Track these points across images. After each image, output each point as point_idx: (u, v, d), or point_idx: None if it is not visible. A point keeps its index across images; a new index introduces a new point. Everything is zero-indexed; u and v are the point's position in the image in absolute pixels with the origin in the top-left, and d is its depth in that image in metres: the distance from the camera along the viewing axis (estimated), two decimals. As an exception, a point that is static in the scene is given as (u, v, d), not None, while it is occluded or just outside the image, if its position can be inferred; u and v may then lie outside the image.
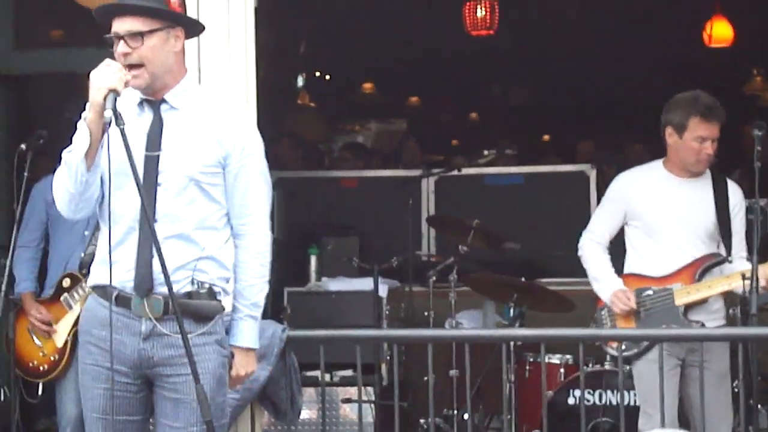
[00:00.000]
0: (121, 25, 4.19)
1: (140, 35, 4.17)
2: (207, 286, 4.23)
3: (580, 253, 6.00)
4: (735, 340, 5.68)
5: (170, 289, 4.00)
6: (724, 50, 11.34)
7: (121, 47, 4.17)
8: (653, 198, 5.81)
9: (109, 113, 3.94)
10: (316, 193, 9.05)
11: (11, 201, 6.05)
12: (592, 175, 8.81)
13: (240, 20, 5.52)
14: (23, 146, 6.07)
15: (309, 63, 13.55)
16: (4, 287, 5.64)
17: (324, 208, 8.99)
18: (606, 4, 11.16)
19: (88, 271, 4.42)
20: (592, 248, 5.94)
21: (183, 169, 4.20)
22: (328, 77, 14.20)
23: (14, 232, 5.92)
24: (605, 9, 11.31)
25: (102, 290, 4.24)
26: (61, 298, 6.16)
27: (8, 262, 5.89)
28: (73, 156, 4.12)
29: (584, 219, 8.34)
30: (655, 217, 5.79)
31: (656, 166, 5.89)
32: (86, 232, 6.02)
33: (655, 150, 6.07)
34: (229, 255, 4.33)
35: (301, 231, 8.53)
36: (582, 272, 6.01)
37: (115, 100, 3.97)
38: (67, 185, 4.17)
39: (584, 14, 11.76)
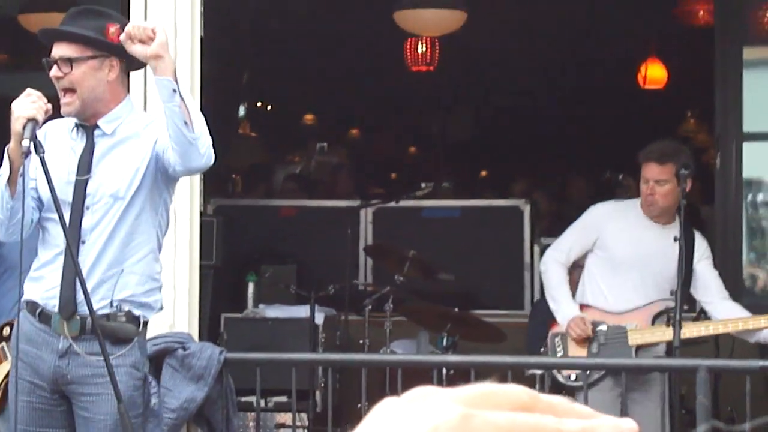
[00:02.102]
0: (57, 50, 4.35)
1: (71, 61, 4.30)
2: (126, 308, 4.34)
3: (542, 267, 6.15)
4: (657, 371, 5.84)
5: (91, 311, 4.13)
6: (659, 92, 11.59)
7: (53, 71, 4.32)
8: (624, 234, 5.99)
9: (26, 142, 4.07)
10: (255, 221, 9.15)
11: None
12: (527, 210, 8.99)
13: (186, 50, 5.64)
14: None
15: (251, 93, 13.66)
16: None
17: (263, 236, 9.10)
18: (545, 44, 11.38)
19: None
20: (555, 267, 6.06)
21: (108, 191, 4.32)
22: (269, 107, 14.32)
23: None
24: (544, 49, 11.53)
25: (29, 305, 4.37)
26: (2, 346, 6.15)
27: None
28: None
29: (518, 253, 8.56)
30: (621, 253, 5.96)
31: (633, 204, 6.10)
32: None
33: (596, 187, 6.27)
34: (151, 266, 4.43)
35: (240, 258, 8.63)
36: (514, 304, 6.18)
37: (34, 128, 4.10)
38: None
39: (524, 53, 11.97)
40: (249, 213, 9.28)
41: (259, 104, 14.21)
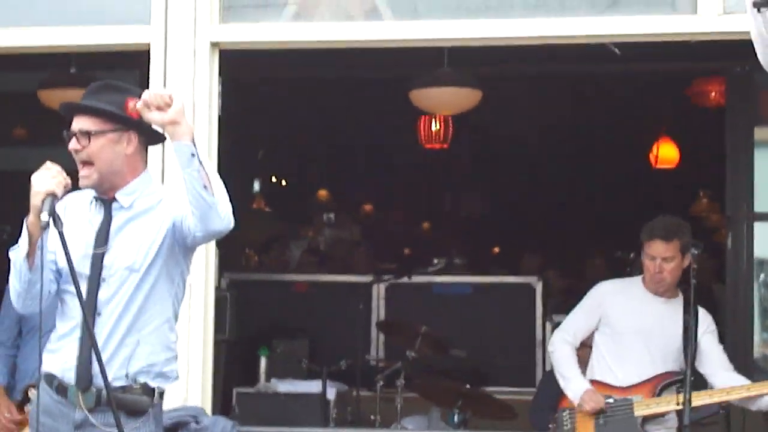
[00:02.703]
0: (77, 123, 4.41)
1: (89, 134, 4.38)
2: (142, 380, 4.38)
3: (550, 348, 6.23)
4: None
5: (106, 384, 4.17)
6: (671, 171, 11.66)
7: (72, 144, 4.39)
8: (628, 310, 6.07)
9: (45, 216, 4.10)
10: (268, 295, 9.20)
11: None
12: (538, 287, 9.04)
13: (204, 127, 5.73)
14: (-14, 241, 6.23)
15: (266, 168, 13.77)
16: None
17: (276, 311, 9.15)
18: (557, 122, 11.48)
19: None
20: (563, 347, 6.15)
21: (124, 264, 4.37)
22: (284, 183, 14.42)
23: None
24: (556, 127, 11.62)
25: (47, 377, 4.42)
26: (26, 408, 6.23)
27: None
28: (16, 255, 4.31)
29: (529, 329, 8.58)
30: (626, 329, 6.03)
31: (636, 281, 6.17)
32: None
33: (613, 265, 6.34)
34: (167, 336, 4.46)
35: (252, 332, 8.68)
36: (526, 381, 6.23)
37: (53, 202, 4.12)
38: (13, 282, 4.36)
39: (536, 132, 12.08)
40: (262, 287, 9.34)
41: (273, 179, 14.32)
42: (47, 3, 6.24)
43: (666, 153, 11.49)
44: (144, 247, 4.39)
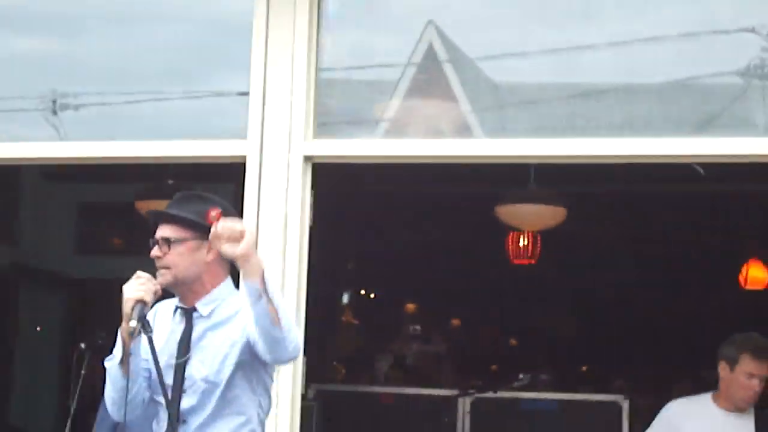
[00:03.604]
0: (159, 231, 4.53)
1: (169, 242, 4.52)
2: None
3: None
4: None
5: None
6: (760, 292, 11.59)
7: (153, 251, 4.53)
8: (698, 428, 6.05)
9: (133, 323, 4.21)
10: (354, 407, 9.25)
11: (65, 396, 6.33)
12: (625, 406, 8.98)
13: (295, 240, 5.85)
14: (82, 345, 6.36)
15: (355, 281, 13.89)
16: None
17: (362, 423, 9.18)
18: (645, 240, 11.50)
19: None
20: None
21: (200, 375, 4.45)
22: (372, 296, 14.52)
23: (67, 427, 6.16)
24: (644, 245, 11.63)
25: None
26: None
27: (60, 454, 6.12)
28: (111, 364, 4.43)
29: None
30: None
31: (705, 397, 6.14)
32: None
33: (700, 387, 6.34)
34: None
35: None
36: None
37: (142, 310, 4.24)
38: (109, 391, 4.46)
39: (626, 251, 12.09)
40: (348, 399, 9.40)
41: (362, 292, 14.43)
42: (148, 118, 6.46)
43: (755, 274, 11.44)
44: (220, 359, 4.45)
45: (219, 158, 6.10)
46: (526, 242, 10.21)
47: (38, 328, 10.87)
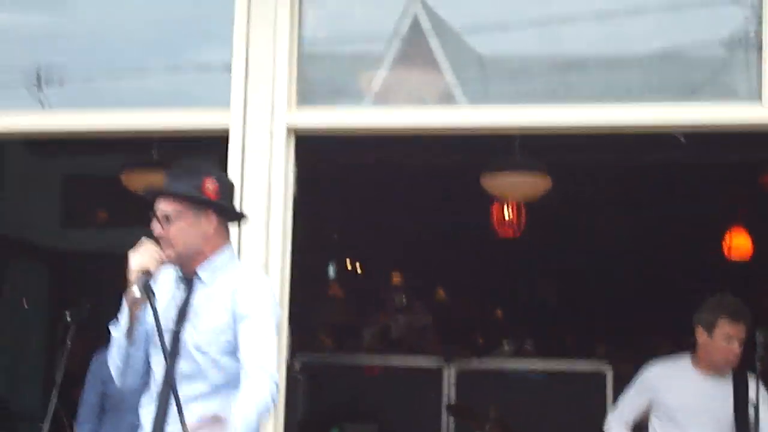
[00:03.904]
0: (158, 205, 4.58)
1: (169, 217, 4.54)
2: None
3: (606, 428, 6.27)
4: None
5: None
6: (745, 263, 11.62)
7: (155, 229, 4.56)
8: (677, 390, 6.10)
9: (136, 292, 4.29)
10: (339, 378, 9.30)
11: (51, 367, 6.36)
12: (609, 373, 9.05)
13: (279, 210, 5.86)
14: (68, 316, 6.37)
15: (340, 253, 13.91)
16: (40, 449, 5.89)
17: (346, 394, 9.23)
18: (628, 211, 11.53)
19: None
20: (617, 428, 6.20)
21: (194, 343, 4.49)
22: (358, 267, 14.54)
23: (52, 397, 6.18)
24: (628, 216, 11.67)
25: None
26: None
27: (46, 426, 6.14)
28: (116, 331, 4.47)
29: (599, 416, 8.56)
30: (679, 408, 6.07)
31: (684, 360, 6.19)
32: (137, 423, 6.29)
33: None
34: None
35: (323, 413, 8.76)
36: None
37: (147, 280, 4.31)
38: (114, 359, 4.52)
39: (610, 221, 12.12)
40: (334, 370, 9.44)
41: (348, 264, 14.45)
42: (132, 91, 6.46)
43: (739, 243, 11.46)
44: (210, 330, 4.51)
45: (202, 129, 6.10)
46: (510, 213, 10.24)
47: (26, 305, 10.88)
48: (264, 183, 5.82)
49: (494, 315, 14.83)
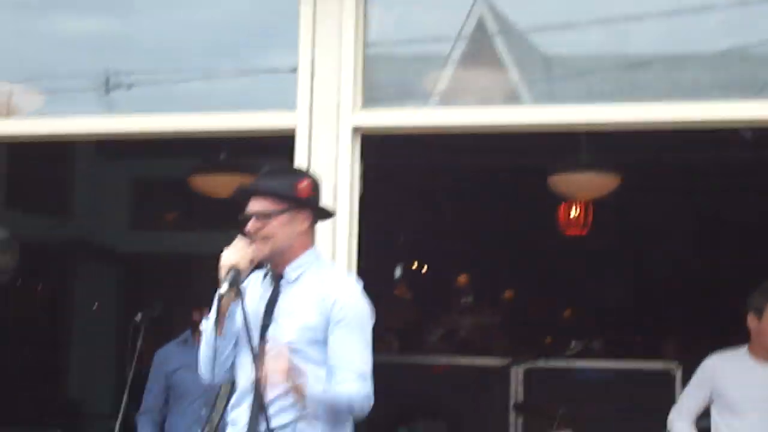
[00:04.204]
0: (253, 205, 4.66)
1: (266, 216, 4.62)
2: None
3: (668, 427, 6.28)
4: None
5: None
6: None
7: (249, 225, 4.64)
8: (735, 381, 6.10)
9: (224, 288, 4.38)
10: (407, 377, 9.32)
11: (122, 367, 6.44)
12: (678, 373, 8.99)
13: (346, 210, 5.89)
14: (138, 317, 6.48)
15: (408, 254, 13.95)
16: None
17: (415, 392, 9.25)
18: (698, 208, 11.46)
19: None
20: (679, 425, 6.23)
21: (285, 338, 4.56)
22: (425, 268, 14.57)
23: (125, 397, 6.27)
24: (699, 217, 11.61)
25: None
26: None
27: (117, 425, 6.23)
28: (207, 324, 4.56)
29: (666, 415, 8.51)
30: (737, 399, 6.06)
31: (742, 350, 6.21)
32: (203, 412, 6.37)
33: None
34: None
35: (392, 411, 8.78)
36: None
37: (236, 275, 4.40)
38: (203, 350, 4.60)
39: (677, 219, 12.06)
40: (401, 369, 9.46)
41: (415, 265, 14.49)
42: (199, 95, 6.53)
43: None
44: (298, 326, 4.57)
45: (268, 130, 6.16)
46: (577, 212, 10.22)
47: (95, 305, 11.01)
48: (330, 183, 5.85)
49: (562, 316, 14.80)
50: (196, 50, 6.60)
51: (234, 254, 4.47)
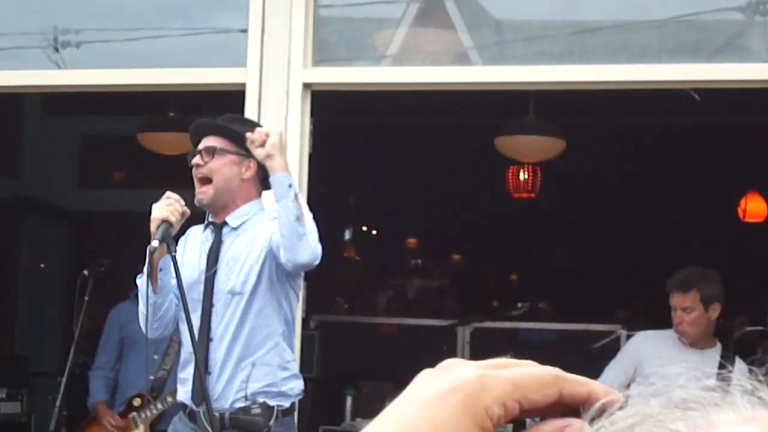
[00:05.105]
0: (204, 142, 4.66)
1: (214, 151, 4.61)
2: (261, 400, 4.55)
3: None
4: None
5: (209, 408, 4.36)
6: (758, 225, 11.64)
7: (195, 159, 4.62)
8: (661, 360, 6.08)
9: (154, 242, 4.36)
10: (355, 337, 9.36)
11: (69, 324, 6.44)
12: (623, 336, 9.06)
13: (295, 167, 5.88)
14: (85, 272, 6.47)
15: (356, 217, 13.96)
16: (58, 403, 5.98)
17: (362, 352, 9.29)
18: (643, 172, 11.54)
19: (158, 393, 4.83)
20: None
21: (226, 287, 4.57)
22: (374, 232, 14.60)
23: (71, 352, 6.27)
24: (642, 177, 11.69)
25: (182, 406, 4.67)
26: (129, 416, 6.55)
27: (63, 380, 6.22)
28: (141, 280, 4.54)
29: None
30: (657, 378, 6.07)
31: (671, 332, 6.16)
32: (156, 357, 6.42)
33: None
34: (281, 356, 4.63)
35: (339, 372, 8.83)
36: None
37: (167, 229, 4.37)
38: (141, 308, 4.59)
39: (623, 181, 12.14)
40: (350, 329, 9.50)
41: (364, 228, 14.51)
42: (149, 54, 6.50)
43: (754, 207, 11.49)
44: (245, 270, 4.57)
45: (218, 84, 6.14)
46: (526, 176, 10.27)
47: (42, 265, 10.95)
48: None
49: (509, 279, 14.88)
50: (146, 10, 6.57)
51: (164, 208, 4.43)
